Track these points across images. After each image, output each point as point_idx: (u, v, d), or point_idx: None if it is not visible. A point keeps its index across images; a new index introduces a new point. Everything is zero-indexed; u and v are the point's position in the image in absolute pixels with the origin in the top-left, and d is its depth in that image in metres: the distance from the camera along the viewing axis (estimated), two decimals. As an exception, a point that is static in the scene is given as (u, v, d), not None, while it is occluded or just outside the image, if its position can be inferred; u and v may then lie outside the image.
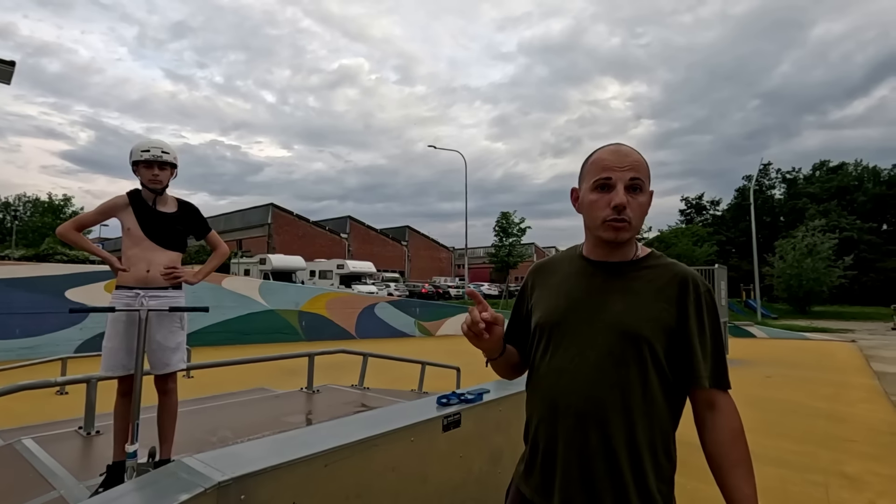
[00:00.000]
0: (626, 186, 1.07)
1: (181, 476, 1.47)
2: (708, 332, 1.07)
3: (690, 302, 1.07)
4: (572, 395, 1.08)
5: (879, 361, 11.40)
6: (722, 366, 1.09)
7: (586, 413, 1.05)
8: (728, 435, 1.05)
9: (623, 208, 1.06)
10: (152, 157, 2.46)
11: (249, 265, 28.47)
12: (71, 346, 9.03)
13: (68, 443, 3.05)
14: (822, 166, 49.84)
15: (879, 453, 4.61)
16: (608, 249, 1.14)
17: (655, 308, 1.07)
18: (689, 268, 1.15)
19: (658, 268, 1.13)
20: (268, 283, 14.11)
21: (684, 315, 1.07)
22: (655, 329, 1.06)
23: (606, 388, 1.05)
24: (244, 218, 45.00)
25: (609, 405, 1.04)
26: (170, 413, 2.52)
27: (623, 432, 1.03)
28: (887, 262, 39.23)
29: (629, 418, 1.04)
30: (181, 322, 2.55)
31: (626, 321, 1.06)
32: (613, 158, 1.09)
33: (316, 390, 4.65)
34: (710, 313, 1.09)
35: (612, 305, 1.09)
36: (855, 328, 22.73)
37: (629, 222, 1.07)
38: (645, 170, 1.11)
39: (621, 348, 1.05)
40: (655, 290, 1.09)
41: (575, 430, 1.06)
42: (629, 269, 1.13)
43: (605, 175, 1.08)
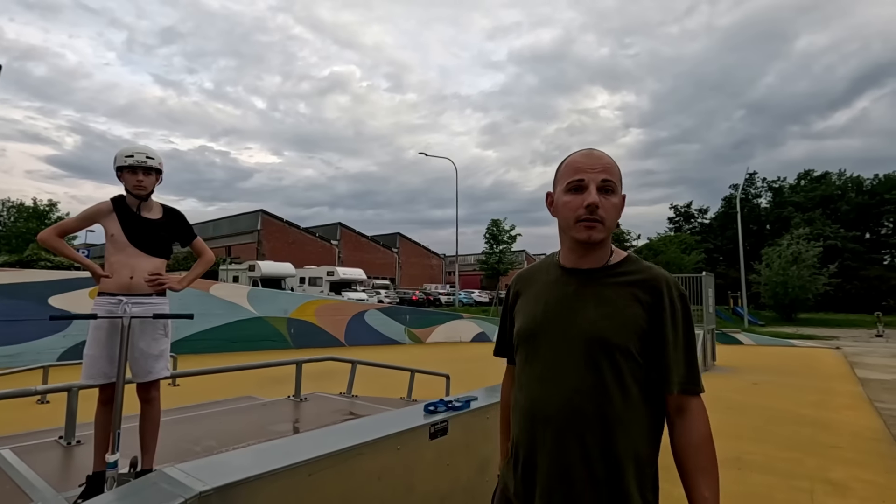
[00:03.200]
0: (599, 187, 1.09)
1: (161, 486, 1.45)
2: (681, 338, 1.07)
3: (665, 307, 1.07)
4: (550, 405, 1.08)
5: (863, 368, 11.56)
6: (694, 371, 1.08)
7: (564, 423, 1.06)
8: (698, 440, 1.07)
9: (596, 207, 1.07)
10: (136, 163, 2.44)
11: (238, 272, 28.23)
12: (54, 355, 8.86)
13: (48, 453, 2.98)
14: (807, 175, 50.70)
15: (864, 459, 4.66)
16: (582, 253, 1.14)
17: (629, 314, 1.07)
18: (665, 272, 1.14)
19: (632, 273, 1.12)
20: (256, 290, 13.99)
21: (659, 320, 1.06)
22: (630, 335, 1.05)
23: (583, 397, 1.05)
24: (233, 224, 44.66)
25: (587, 414, 1.05)
26: (152, 422, 2.48)
27: (602, 441, 1.04)
28: (870, 269, 39.91)
29: (607, 427, 1.04)
30: (165, 329, 2.51)
31: (600, 329, 1.06)
32: (586, 161, 1.12)
33: (303, 398, 4.60)
34: (684, 319, 1.09)
35: (586, 313, 1.09)
36: (839, 335, 23.04)
37: (602, 222, 1.08)
38: (616, 173, 1.13)
39: (596, 356, 1.06)
40: (629, 295, 1.09)
41: (554, 439, 1.07)
42: (603, 275, 1.13)
43: (578, 177, 1.10)
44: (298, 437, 2.30)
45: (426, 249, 59.32)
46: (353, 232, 50.13)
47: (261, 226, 41.90)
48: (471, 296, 39.46)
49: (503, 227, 39.02)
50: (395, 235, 55.39)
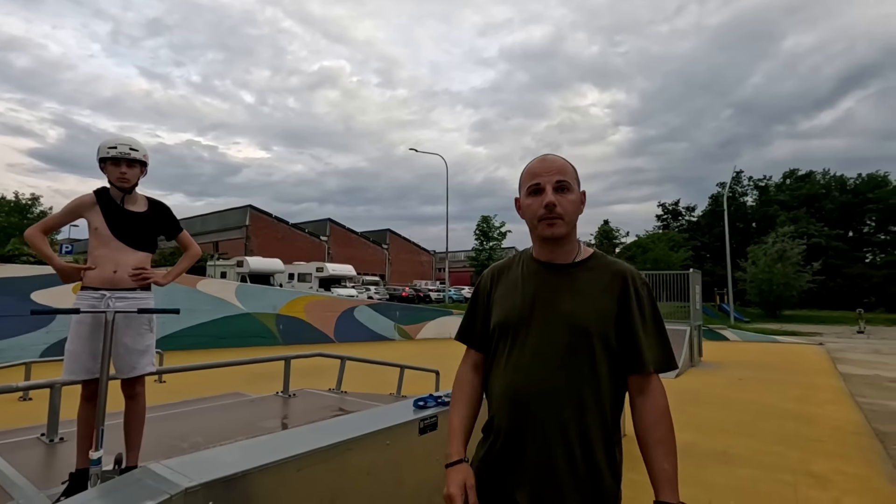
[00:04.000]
0: (554, 188, 1.21)
1: (146, 483, 1.43)
2: (650, 323, 1.19)
3: (631, 295, 1.19)
4: (531, 388, 1.18)
5: (845, 364, 11.78)
6: (667, 351, 1.19)
7: (543, 403, 1.17)
8: (656, 415, 1.16)
9: (553, 206, 1.19)
10: (119, 154, 2.39)
11: (226, 267, 27.94)
12: (36, 351, 8.71)
13: (30, 451, 2.93)
14: (792, 175, 51.41)
15: (845, 452, 4.76)
16: (551, 248, 1.26)
17: (601, 304, 1.19)
18: (628, 264, 1.27)
19: (600, 267, 1.25)
20: (245, 285, 13.86)
21: (626, 308, 1.19)
22: (602, 323, 1.17)
23: (560, 380, 1.16)
24: (221, 220, 44.19)
25: (565, 397, 1.16)
26: (137, 418, 2.44)
27: (576, 418, 1.15)
28: (853, 267, 40.67)
29: (581, 405, 1.15)
30: (150, 325, 2.47)
31: (576, 317, 1.18)
32: (541, 166, 1.24)
33: (292, 394, 4.57)
34: (650, 304, 1.21)
35: (563, 304, 1.20)
36: (823, 331, 23.45)
37: (561, 217, 1.21)
38: (570, 173, 1.25)
39: (572, 343, 1.17)
40: (600, 287, 1.21)
41: (535, 419, 1.17)
42: (575, 269, 1.25)
43: (535, 181, 1.23)
44: (287, 433, 2.28)
45: (416, 246, 59.24)
46: (342, 228, 49.88)
47: (249, 221, 41.52)
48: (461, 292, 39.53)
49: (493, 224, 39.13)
50: (385, 232, 55.22)
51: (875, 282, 39.09)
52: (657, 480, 1.11)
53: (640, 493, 3.52)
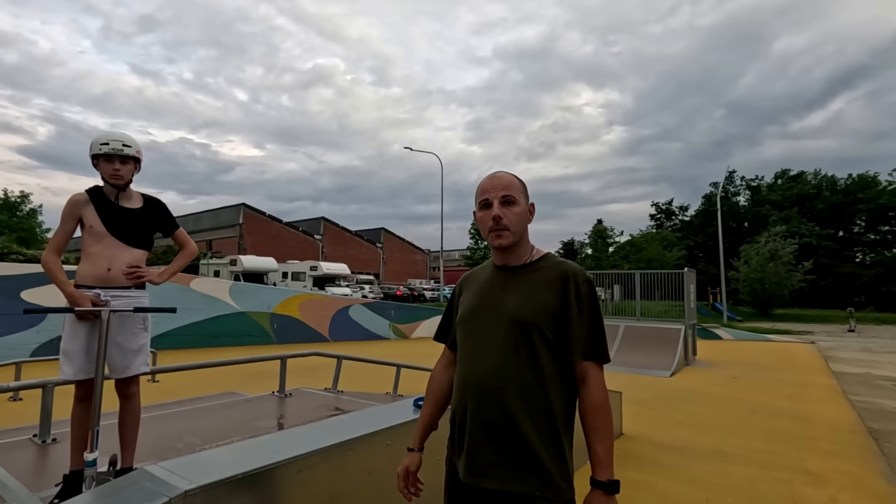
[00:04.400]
0: (500, 202, 1.35)
1: (144, 485, 1.40)
2: (586, 315, 1.30)
3: (571, 292, 1.31)
4: (479, 375, 1.32)
5: (837, 362, 11.89)
6: (596, 342, 1.30)
7: (488, 388, 1.30)
8: (592, 404, 1.27)
9: (500, 219, 1.34)
10: (112, 151, 2.33)
11: (220, 266, 27.73)
12: (27, 350, 8.59)
13: (21, 452, 2.88)
14: (784, 175, 51.76)
15: (839, 450, 4.79)
16: (503, 255, 1.41)
17: (543, 299, 1.31)
18: (574, 264, 1.38)
19: (548, 267, 1.37)
20: (239, 284, 13.76)
21: (566, 303, 1.30)
22: (542, 316, 1.29)
23: (504, 368, 1.29)
24: (214, 218, 43.88)
25: (506, 381, 1.28)
26: (132, 419, 2.40)
27: (518, 403, 1.26)
28: (843, 267, 41.02)
29: (523, 391, 1.27)
30: (144, 324, 2.43)
31: (519, 312, 1.31)
32: (489, 183, 1.39)
33: (288, 394, 4.54)
34: (588, 300, 1.31)
35: (510, 300, 1.34)
36: (814, 330, 23.66)
37: (508, 228, 1.35)
38: (516, 188, 1.39)
39: (515, 334, 1.30)
40: (544, 284, 1.33)
41: (479, 402, 1.31)
42: (524, 270, 1.39)
43: (484, 197, 1.38)
44: (286, 433, 2.25)
45: (410, 245, 59.15)
46: (336, 227, 49.70)
47: (242, 220, 41.26)
48: (455, 291, 39.45)
49: (488, 223, 38.93)
50: (380, 230, 55.09)
51: (865, 281, 39.47)
52: (593, 462, 1.24)
53: (639, 492, 3.54)
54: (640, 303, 12.08)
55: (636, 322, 11.64)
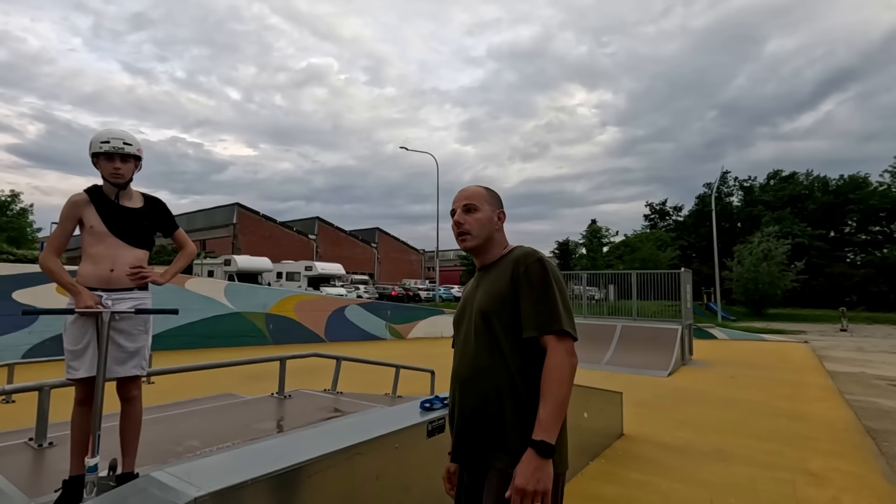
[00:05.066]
0: (462, 210, 1.54)
1: (151, 492, 1.36)
2: (536, 291, 1.38)
3: (521, 274, 1.41)
4: (462, 367, 1.49)
5: (831, 361, 11.98)
6: (546, 315, 1.35)
7: (469, 378, 1.45)
8: (546, 370, 1.32)
9: (460, 224, 1.53)
10: (112, 149, 2.28)
11: (214, 266, 27.56)
12: (18, 352, 8.47)
13: (17, 456, 2.81)
14: (776, 175, 52.13)
15: (839, 450, 4.80)
16: (477, 256, 1.58)
17: (499, 289, 1.43)
18: (527, 248, 1.48)
19: (507, 257, 1.50)
20: (234, 284, 13.66)
21: (516, 285, 1.40)
22: (498, 303, 1.41)
23: (478, 358, 1.42)
24: (208, 218, 43.59)
25: (481, 370, 1.41)
26: (133, 422, 2.35)
27: (492, 387, 1.38)
28: (835, 266, 41.37)
29: (495, 376, 1.38)
30: (145, 325, 2.37)
31: (481, 304, 1.45)
32: (457, 196, 1.58)
33: (287, 395, 4.49)
34: (538, 277, 1.39)
35: (477, 296, 1.50)
36: (807, 329, 23.84)
37: (469, 233, 1.52)
38: (479, 197, 1.55)
39: (479, 325, 1.43)
40: (501, 275, 1.45)
41: (462, 391, 1.46)
42: (490, 268, 1.54)
43: (452, 207, 1.59)
44: (293, 437, 2.21)
45: (405, 245, 59.05)
46: (331, 226, 49.52)
47: (236, 219, 41.03)
48: (451, 291, 39.46)
49: (483, 223, 38.90)
50: (374, 230, 54.95)
51: (856, 281, 39.82)
52: (535, 423, 1.28)
53: (640, 492, 3.52)
54: (637, 303, 12.11)
55: (633, 322, 11.67)
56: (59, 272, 2.24)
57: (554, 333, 1.34)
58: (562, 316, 1.35)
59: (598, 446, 4.35)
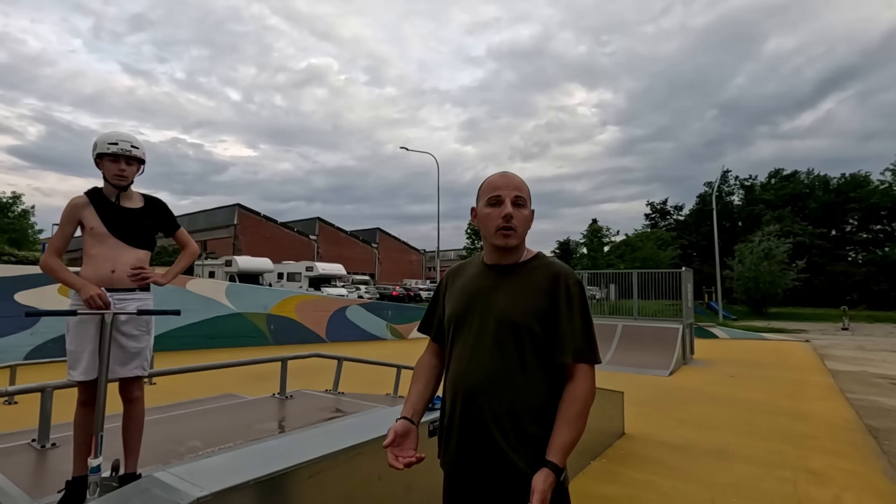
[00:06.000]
0: (512, 202, 1.33)
1: (154, 493, 1.36)
2: (576, 316, 1.29)
3: (561, 293, 1.30)
4: (468, 377, 1.31)
5: (832, 360, 11.98)
6: (586, 343, 1.28)
7: (477, 390, 1.29)
8: (573, 394, 1.25)
9: (510, 217, 1.32)
10: (120, 151, 2.30)
11: (215, 267, 27.58)
12: (20, 353, 8.48)
13: (20, 457, 2.82)
14: (777, 174, 52.12)
15: (841, 449, 4.80)
16: (500, 254, 1.38)
17: (532, 300, 1.30)
18: (564, 265, 1.38)
19: (539, 267, 1.36)
20: (235, 285, 13.68)
21: (556, 304, 1.29)
22: (531, 317, 1.28)
23: (492, 370, 1.28)
24: (209, 218, 43.61)
25: (494, 383, 1.27)
26: (136, 423, 2.36)
27: (507, 403, 1.26)
28: (836, 265, 41.35)
29: (510, 393, 1.26)
30: (147, 326, 2.38)
31: (508, 312, 1.30)
32: (502, 181, 1.37)
33: (289, 396, 4.49)
34: (579, 300, 1.30)
35: (498, 300, 1.33)
36: (808, 328, 23.84)
37: (515, 230, 1.33)
38: (526, 191, 1.38)
39: (503, 335, 1.29)
40: (534, 284, 1.32)
41: (468, 404, 1.30)
42: (516, 269, 1.37)
43: (496, 194, 1.35)
44: (295, 437, 2.22)
45: (406, 245, 59.06)
46: (331, 227, 49.53)
47: (237, 220, 41.04)
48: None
49: (483, 223, 38.83)
50: (375, 230, 54.96)
51: (857, 279, 39.82)
52: (552, 445, 1.20)
53: (642, 491, 3.53)
54: (638, 302, 12.11)
55: (633, 321, 11.67)
56: (60, 270, 2.26)
57: (590, 363, 1.28)
58: (597, 346, 1.31)
59: (600, 446, 4.35)
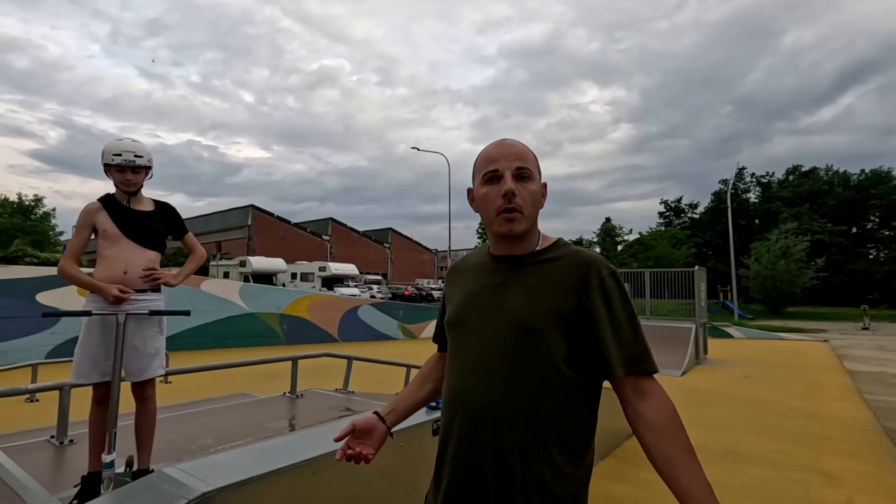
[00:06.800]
0: (514, 175, 1.05)
1: (162, 487, 1.41)
2: (620, 317, 1.00)
3: (593, 288, 1.01)
4: (468, 396, 1.03)
5: (851, 360, 11.74)
6: (638, 351, 1.00)
7: (480, 414, 1.01)
8: (664, 421, 0.95)
9: (512, 195, 1.03)
10: (124, 162, 2.37)
11: (229, 267, 27.97)
12: (41, 352, 8.70)
13: (39, 453, 2.92)
14: (795, 171, 51.23)
15: (856, 451, 4.72)
16: (508, 243, 1.10)
17: (553, 299, 1.01)
18: (593, 253, 1.09)
19: (560, 258, 1.07)
20: (248, 285, 13.86)
21: (587, 303, 1.00)
22: (554, 321, 1.00)
23: (502, 388, 1.00)
24: (223, 219, 44.22)
25: (504, 406, 0.99)
26: (148, 421, 2.43)
27: (518, 434, 0.98)
28: (856, 263, 40.51)
29: (526, 418, 0.98)
30: (160, 326, 2.46)
31: (522, 316, 1.01)
32: (499, 151, 1.08)
33: (299, 395, 4.56)
34: (619, 297, 1.02)
35: (509, 301, 1.04)
36: (827, 328, 23.38)
37: (521, 211, 1.04)
38: (532, 160, 1.10)
39: (517, 345, 1.01)
40: (555, 279, 1.03)
41: (467, 431, 1.02)
42: (529, 261, 1.08)
43: (493, 167, 1.06)
44: (300, 435, 2.27)
45: (418, 245, 59.22)
46: (344, 227, 49.87)
47: (251, 221, 41.53)
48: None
49: (495, 223, 38.76)
50: (387, 231, 55.20)
51: (878, 278, 38.94)
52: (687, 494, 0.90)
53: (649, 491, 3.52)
54: (650, 301, 12.01)
55: (646, 321, 11.56)
56: (77, 275, 2.34)
57: (647, 374, 1.00)
58: (650, 351, 1.02)
59: (608, 445, 4.34)
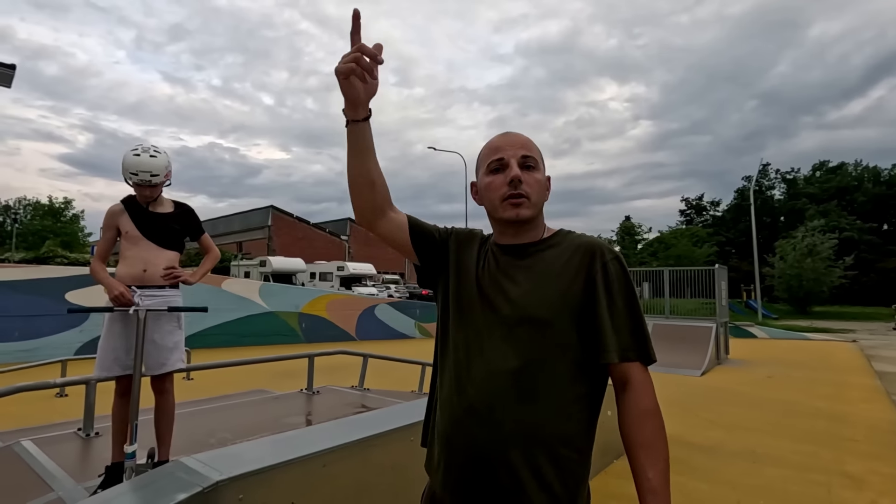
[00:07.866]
0: (519, 164, 1.07)
1: (179, 476, 1.47)
2: (619, 303, 1.00)
3: (597, 272, 1.01)
4: (469, 387, 1.01)
5: (880, 361, 11.38)
6: (636, 338, 1.00)
7: (481, 406, 0.99)
8: (640, 411, 0.96)
9: (519, 182, 1.05)
10: (140, 182, 2.45)
11: (250, 267, 28.47)
12: (71, 349, 9.02)
13: (67, 444, 3.05)
14: (822, 167, 49.87)
15: (881, 452, 4.60)
16: (514, 231, 1.10)
17: (558, 286, 1.01)
18: (596, 238, 1.10)
19: (562, 244, 1.08)
20: (268, 284, 14.10)
21: (591, 288, 1.01)
22: (558, 309, 1.00)
23: (506, 380, 0.99)
24: (244, 220, 45.02)
25: (507, 397, 0.98)
26: (167, 414, 2.52)
27: (522, 426, 0.97)
28: (887, 262, 39.21)
29: (529, 411, 0.97)
30: (179, 322, 2.54)
31: (526, 305, 1.01)
32: (504, 140, 1.10)
33: (316, 391, 4.64)
34: (621, 283, 1.01)
35: (513, 289, 1.04)
36: (856, 328, 22.69)
37: (527, 197, 1.05)
38: (536, 151, 1.11)
39: (521, 334, 1.00)
40: (559, 267, 1.04)
41: (469, 425, 1.00)
42: (533, 249, 1.09)
43: (498, 156, 1.08)
44: (312, 429, 2.32)
45: (435, 244, 59.31)
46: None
47: (271, 221, 42.19)
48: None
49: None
50: (405, 230, 55.41)
51: (911, 276, 37.66)
52: (640, 492, 0.92)
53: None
54: (670, 300, 11.84)
55: (665, 320, 11.41)
56: (99, 273, 2.47)
57: (642, 362, 1.00)
58: (650, 339, 1.02)
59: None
